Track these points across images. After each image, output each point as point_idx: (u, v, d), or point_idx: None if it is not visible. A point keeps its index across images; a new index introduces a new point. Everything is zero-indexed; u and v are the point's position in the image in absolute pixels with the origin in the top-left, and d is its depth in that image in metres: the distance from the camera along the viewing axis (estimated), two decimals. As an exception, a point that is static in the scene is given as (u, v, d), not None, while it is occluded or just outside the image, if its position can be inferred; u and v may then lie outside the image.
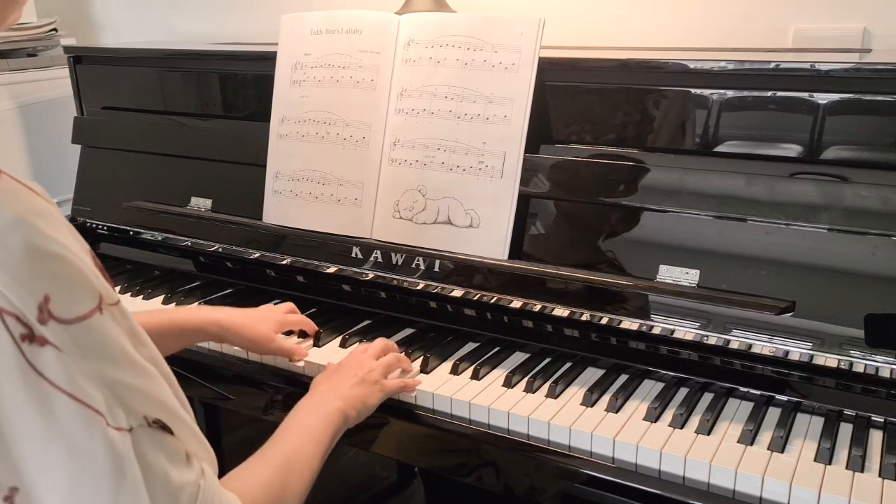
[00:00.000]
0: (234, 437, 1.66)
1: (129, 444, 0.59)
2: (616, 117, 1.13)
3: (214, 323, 1.11)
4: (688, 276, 1.04)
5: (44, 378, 0.55)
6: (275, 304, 1.33)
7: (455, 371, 1.10)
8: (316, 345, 1.19)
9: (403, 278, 1.22)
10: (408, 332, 1.23)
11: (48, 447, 0.56)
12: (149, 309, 1.35)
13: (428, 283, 1.20)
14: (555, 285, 1.12)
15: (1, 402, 0.55)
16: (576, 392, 1.04)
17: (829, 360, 0.96)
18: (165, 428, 0.63)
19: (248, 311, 1.17)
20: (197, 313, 1.13)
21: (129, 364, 0.60)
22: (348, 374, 1.02)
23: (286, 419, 0.92)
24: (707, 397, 1.03)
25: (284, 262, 1.34)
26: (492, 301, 1.17)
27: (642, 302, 1.07)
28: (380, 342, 1.10)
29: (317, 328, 1.22)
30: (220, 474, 0.73)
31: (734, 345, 1.01)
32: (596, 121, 1.14)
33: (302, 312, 1.27)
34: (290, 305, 1.22)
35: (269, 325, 1.15)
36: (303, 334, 1.22)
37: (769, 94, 1.03)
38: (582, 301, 1.10)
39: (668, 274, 1.05)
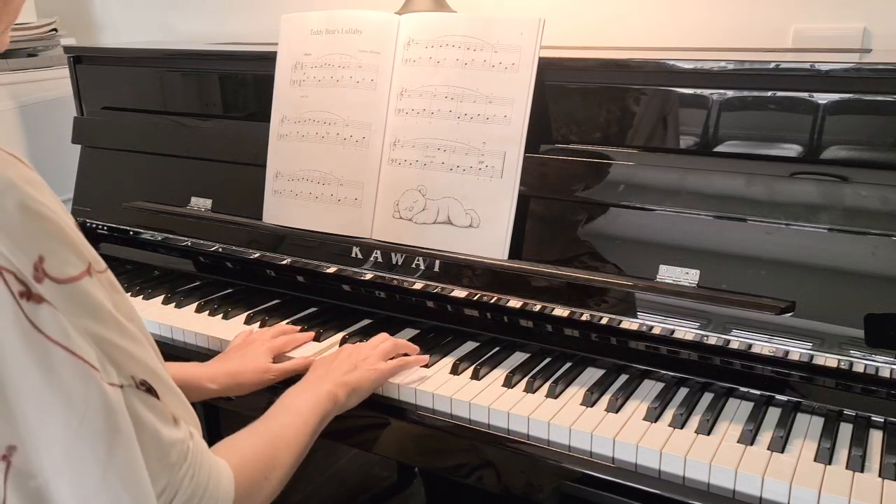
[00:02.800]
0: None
1: (121, 400, 0.60)
2: (616, 117, 1.13)
3: (211, 380, 1.08)
4: (688, 276, 1.04)
5: (42, 334, 0.57)
6: (273, 303, 1.33)
7: (455, 371, 1.10)
8: (316, 340, 1.20)
9: (403, 278, 1.22)
10: (408, 332, 1.23)
11: (48, 401, 0.57)
12: (149, 309, 1.35)
13: (428, 283, 1.20)
14: (555, 285, 1.12)
15: (3, 357, 0.56)
16: (576, 392, 1.04)
17: (829, 360, 0.96)
18: (152, 391, 0.64)
19: (237, 355, 1.13)
20: (191, 373, 1.08)
21: (116, 326, 0.62)
22: (344, 361, 1.04)
23: (277, 400, 0.95)
24: (707, 397, 1.03)
25: (284, 261, 1.34)
26: (492, 301, 1.17)
27: (642, 302, 1.07)
28: (380, 336, 1.11)
29: (310, 337, 1.20)
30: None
31: (734, 345, 1.01)
32: (596, 121, 1.14)
33: (302, 312, 1.28)
34: (277, 328, 1.20)
35: (262, 358, 1.11)
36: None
37: (769, 94, 1.03)
38: (582, 301, 1.10)
39: (668, 274, 1.05)
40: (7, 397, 0.57)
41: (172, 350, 1.27)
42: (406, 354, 1.12)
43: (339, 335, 1.22)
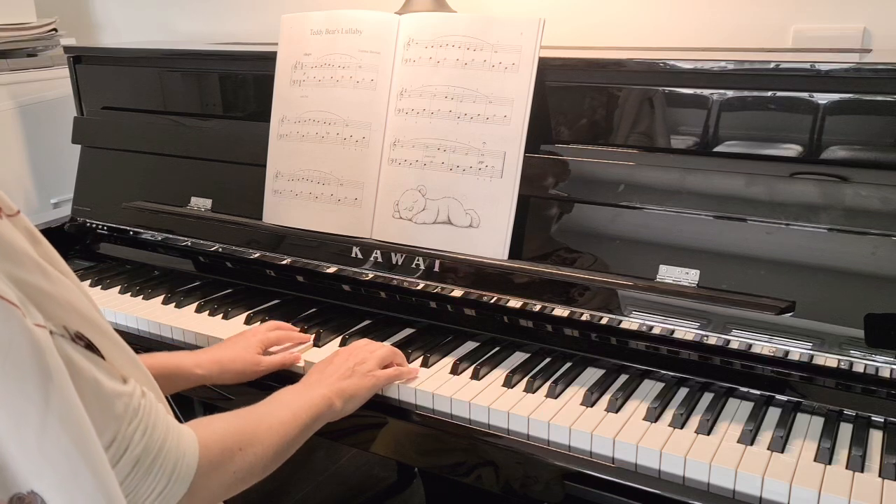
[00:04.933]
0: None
1: (49, 341, 0.56)
2: (615, 117, 1.13)
3: (198, 365, 1.07)
4: (688, 276, 1.04)
5: None
6: (273, 303, 1.34)
7: (455, 371, 1.10)
8: (316, 345, 1.19)
9: (403, 278, 1.22)
10: (408, 332, 1.23)
11: None
12: (148, 309, 1.35)
13: (428, 283, 1.20)
14: (555, 285, 1.12)
15: None
16: (576, 392, 1.04)
17: (829, 360, 0.96)
18: (92, 348, 0.60)
19: (228, 344, 1.13)
20: (177, 360, 1.07)
21: (37, 269, 0.58)
22: (340, 366, 1.03)
23: (269, 396, 0.93)
24: (707, 397, 1.03)
25: (284, 262, 1.34)
26: (492, 301, 1.17)
27: (642, 302, 1.07)
28: (386, 347, 1.11)
29: (307, 336, 1.20)
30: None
31: (734, 345, 1.01)
32: (596, 121, 1.14)
33: (302, 312, 1.28)
34: (272, 323, 1.20)
35: (253, 349, 1.11)
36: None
37: (769, 94, 1.03)
38: (582, 301, 1.10)
39: (668, 274, 1.05)
40: None
41: (172, 350, 1.27)
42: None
43: (339, 335, 1.22)
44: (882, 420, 0.95)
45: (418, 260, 1.21)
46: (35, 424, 0.54)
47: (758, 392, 1.02)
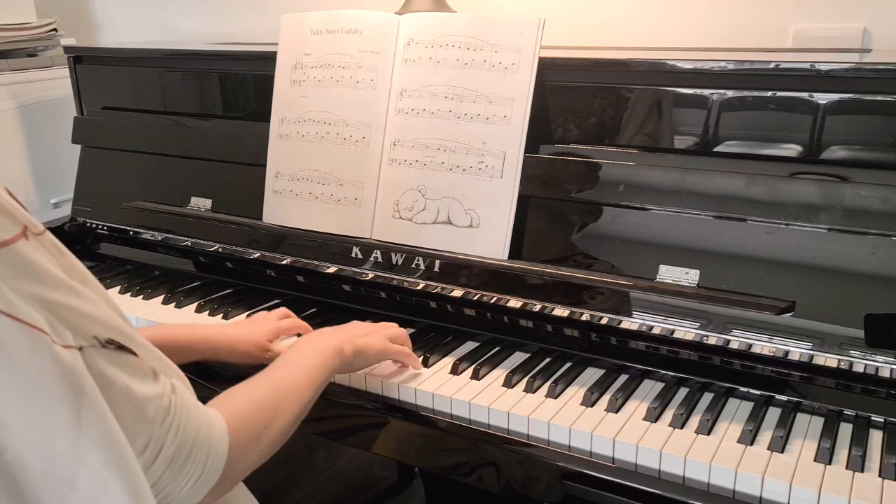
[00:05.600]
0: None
1: (80, 362, 0.57)
2: (615, 117, 1.13)
3: (206, 340, 1.08)
4: (688, 276, 1.04)
5: None
6: (274, 303, 1.34)
7: (455, 371, 1.10)
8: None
9: (403, 278, 1.22)
10: (408, 332, 1.23)
11: None
12: (148, 309, 1.35)
13: (428, 283, 1.20)
14: (555, 285, 1.12)
15: None
16: (576, 392, 1.04)
17: (829, 360, 0.96)
18: (124, 348, 0.61)
19: (240, 323, 1.16)
20: (189, 331, 1.09)
21: (64, 287, 0.59)
22: (354, 328, 1.05)
23: (280, 355, 0.93)
24: (707, 397, 1.03)
25: (284, 262, 1.34)
26: (492, 301, 1.17)
27: (642, 302, 1.07)
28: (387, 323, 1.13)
29: (312, 329, 1.21)
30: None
31: (734, 345, 1.01)
32: (596, 121, 1.14)
33: (302, 312, 1.28)
34: (283, 311, 1.21)
35: (263, 334, 1.12)
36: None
37: (769, 94, 1.03)
38: (582, 301, 1.10)
39: (668, 274, 1.05)
40: None
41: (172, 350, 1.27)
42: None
43: (339, 335, 1.22)
44: (882, 420, 0.95)
45: (418, 260, 1.21)
46: (66, 444, 0.56)
47: (758, 392, 1.02)
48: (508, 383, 1.06)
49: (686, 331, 1.04)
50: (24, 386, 0.55)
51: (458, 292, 1.19)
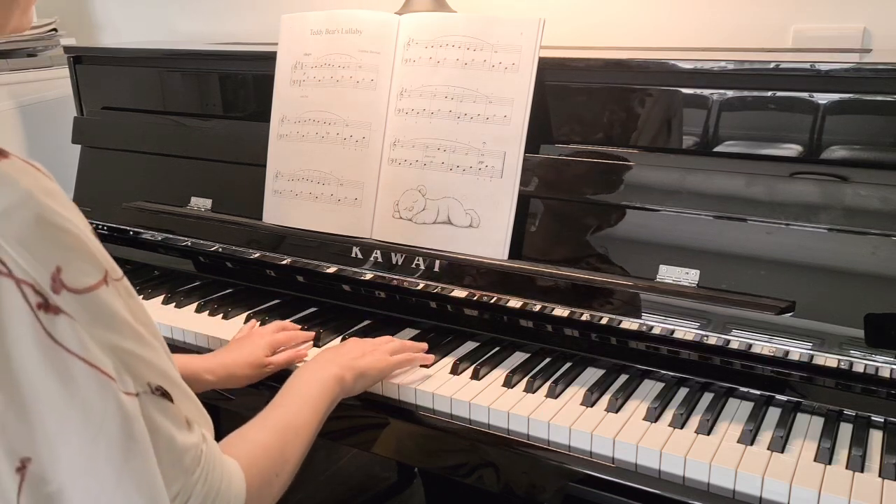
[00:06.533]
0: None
1: (137, 409, 0.61)
2: (615, 117, 1.13)
3: (208, 371, 1.08)
4: (688, 276, 1.04)
5: (60, 345, 0.57)
6: (273, 303, 1.33)
7: (455, 371, 1.10)
8: (316, 345, 1.19)
9: (403, 278, 1.22)
10: (407, 332, 1.23)
11: (66, 412, 0.57)
12: (148, 309, 1.35)
13: (428, 283, 1.20)
14: (554, 285, 1.12)
15: (22, 369, 0.57)
16: (576, 392, 1.04)
17: (829, 360, 0.96)
18: (166, 395, 0.65)
19: (235, 348, 1.14)
20: (190, 366, 1.08)
21: (132, 334, 0.62)
22: (352, 350, 1.05)
23: (284, 386, 0.95)
24: (707, 397, 1.03)
25: (284, 262, 1.34)
26: (492, 301, 1.17)
27: (642, 302, 1.07)
28: (385, 338, 1.12)
29: (311, 336, 1.20)
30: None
31: (734, 345, 1.01)
32: (596, 121, 1.14)
33: (302, 312, 1.28)
34: (277, 324, 1.20)
35: (260, 351, 1.12)
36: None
37: (769, 94, 1.03)
38: (582, 301, 1.10)
39: (668, 274, 1.05)
40: (26, 408, 0.57)
41: (172, 350, 1.26)
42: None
43: (339, 335, 1.22)
44: (882, 420, 0.95)
45: (418, 260, 1.21)
46: (112, 484, 0.59)
47: (758, 392, 1.02)
48: (508, 383, 1.06)
49: (686, 331, 1.04)
50: (90, 427, 0.58)
51: (457, 292, 1.19)
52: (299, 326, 1.22)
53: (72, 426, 0.58)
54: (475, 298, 1.18)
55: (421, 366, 1.12)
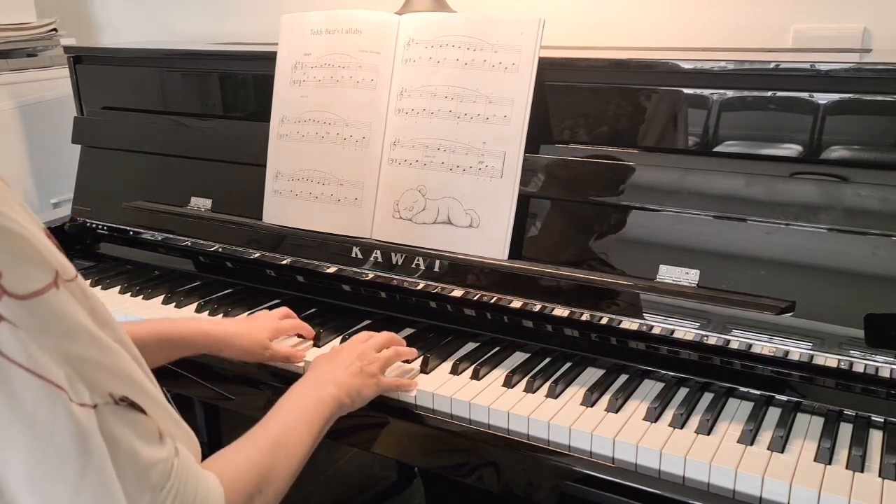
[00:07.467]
0: (234, 437, 1.65)
1: (93, 421, 0.58)
2: (616, 117, 1.13)
3: (206, 334, 1.08)
4: (688, 276, 1.04)
5: (2, 355, 0.54)
6: (274, 303, 1.34)
7: (455, 371, 1.10)
8: (316, 345, 1.19)
9: (403, 278, 1.22)
10: (408, 332, 1.23)
11: (11, 425, 0.55)
12: (149, 309, 1.35)
13: (428, 283, 1.20)
14: (555, 285, 1.12)
15: None
16: (576, 392, 1.04)
17: (829, 360, 0.96)
18: (135, 406, 0.61)
19: (241, 320, 1.16)
20: (188, 324, 1.09)
21: (89, 339, 0.59)
22: (348, 362, 1.02)
23: (280, 400, 0.92)
24: (707, 397, 1.03)
25: (284, 262, 1.34)
26: (492, 301, 1.17)
27: (642, 302, 1.07)
28: (385, 334, 1.11)
29: (313, 331, 1.21)
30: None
31: (734, 345, 1.01)
32: (596, 121, 1.14)
33: (302, 312, 1.28)
34: (284, 310, 1.20)
35: (264, 332, 1.12)
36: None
37: (769, 94, 1.03)
38: (582, 301, 1.10)
39: (668, 274, 1.05)
40: None
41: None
42: (407, 361, 1.12)
43: (339, 335, 1.22)
44: (882, 420, 0.95)
45: (418, 260, 1.21)
46: (68, 499, 0.56)
47: (758, 392, 1.02)
48: (508, 383, 1.06)
49: (686, 331, 1.04)
50: (38, 442, 0.55)
51: (457, 292, 1.19)
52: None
53: (19, 441, 0.55)
54: (475, 298, 1.18)
55: (404, 361, 1.11)
